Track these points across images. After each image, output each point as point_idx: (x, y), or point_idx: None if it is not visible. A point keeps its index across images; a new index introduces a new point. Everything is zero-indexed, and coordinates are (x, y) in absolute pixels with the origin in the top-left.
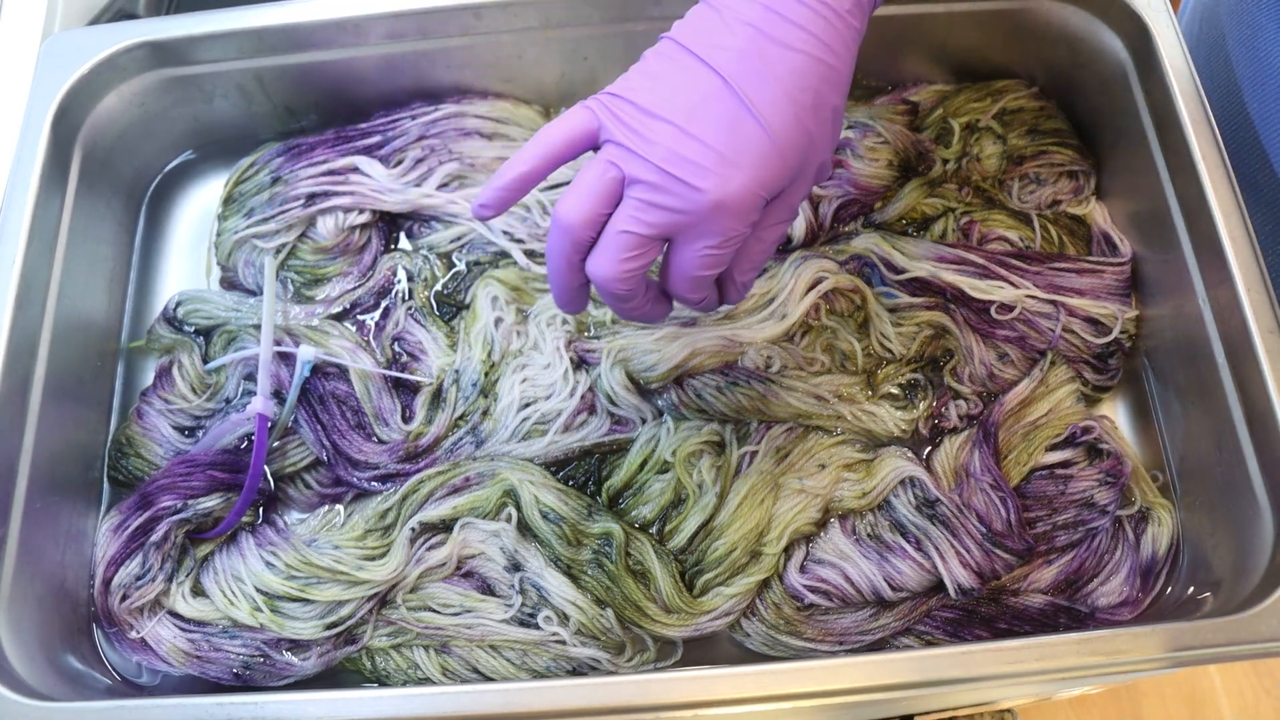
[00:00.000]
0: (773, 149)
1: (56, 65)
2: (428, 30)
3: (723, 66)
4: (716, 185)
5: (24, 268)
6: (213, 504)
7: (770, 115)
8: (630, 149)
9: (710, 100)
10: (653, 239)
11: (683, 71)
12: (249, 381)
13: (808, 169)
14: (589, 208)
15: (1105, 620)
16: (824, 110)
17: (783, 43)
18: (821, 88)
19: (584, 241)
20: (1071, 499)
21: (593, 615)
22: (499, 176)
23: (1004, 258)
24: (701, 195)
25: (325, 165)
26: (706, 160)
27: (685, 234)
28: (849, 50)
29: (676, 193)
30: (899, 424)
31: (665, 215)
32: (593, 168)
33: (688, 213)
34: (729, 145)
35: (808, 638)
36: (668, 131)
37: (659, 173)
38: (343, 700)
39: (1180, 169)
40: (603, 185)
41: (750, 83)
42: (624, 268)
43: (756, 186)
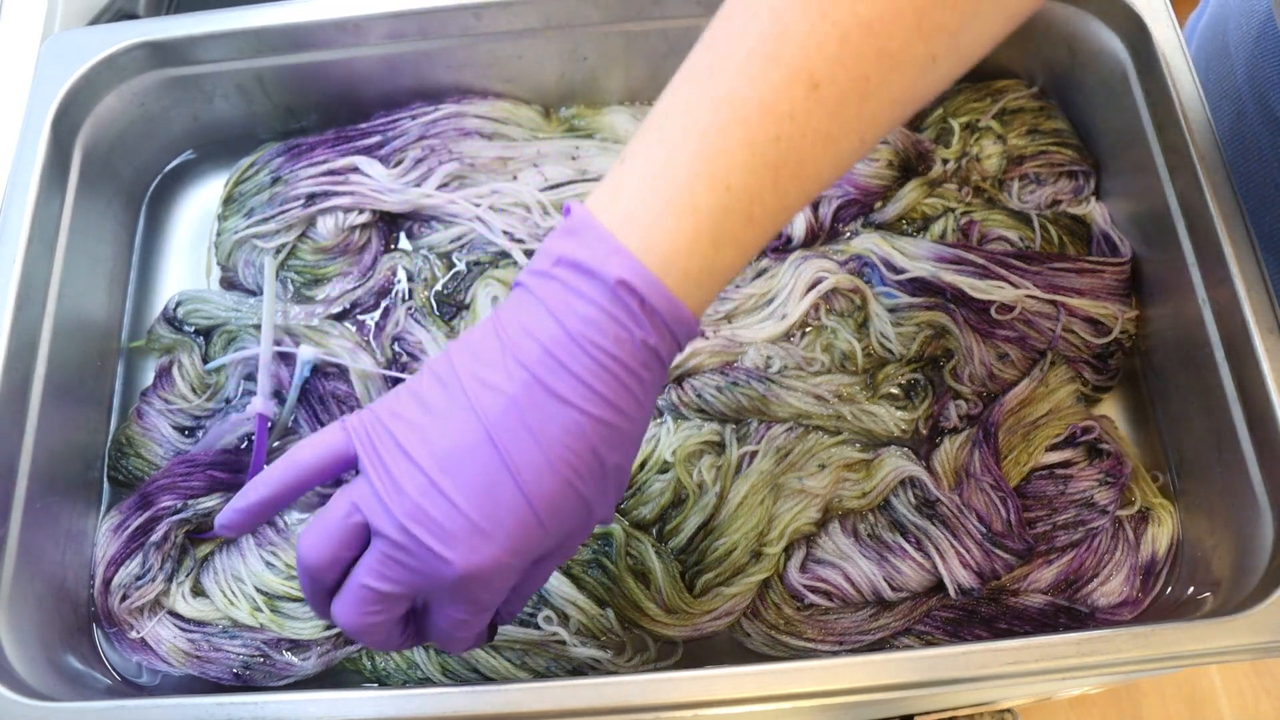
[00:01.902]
0: (533, 517)
1: (56, 65)
2: (428, 30)
3: (489, 416)
4: (463, 557)
5: (24, 268)
6: (213, 504)
7: (533, 481)
8: (377, 494)
9: (469, 452)
10: (397, 596)
11: (449, 407)
12: (249, 381)
13: (583, 529)
14: (329, 551)
15: (1105, 620)
16: (603, 472)
17: (559, 396)
18: (601, 449)
19: (326, 582)
20: (1071, 499)
21: (593, 615)
22: (242, 497)
23: (1004, 258)
24: (445, 566)
25: (325, 165)
26: (453, 525)
27: (433, 599)
28: (640, 407)
29: (420, 556)
30: (899, 424)
31: (410, 577)
32: (337, 506)
33: (432, 580)
34: (482, 511)
35: (808, 638)
36: (418, 481)
37: (402, 531)
38: (343, 700)
39: (1180, 169)
40: (345, 529)
41: (514, 440)
42: (365, 621)
43: (509, 558)
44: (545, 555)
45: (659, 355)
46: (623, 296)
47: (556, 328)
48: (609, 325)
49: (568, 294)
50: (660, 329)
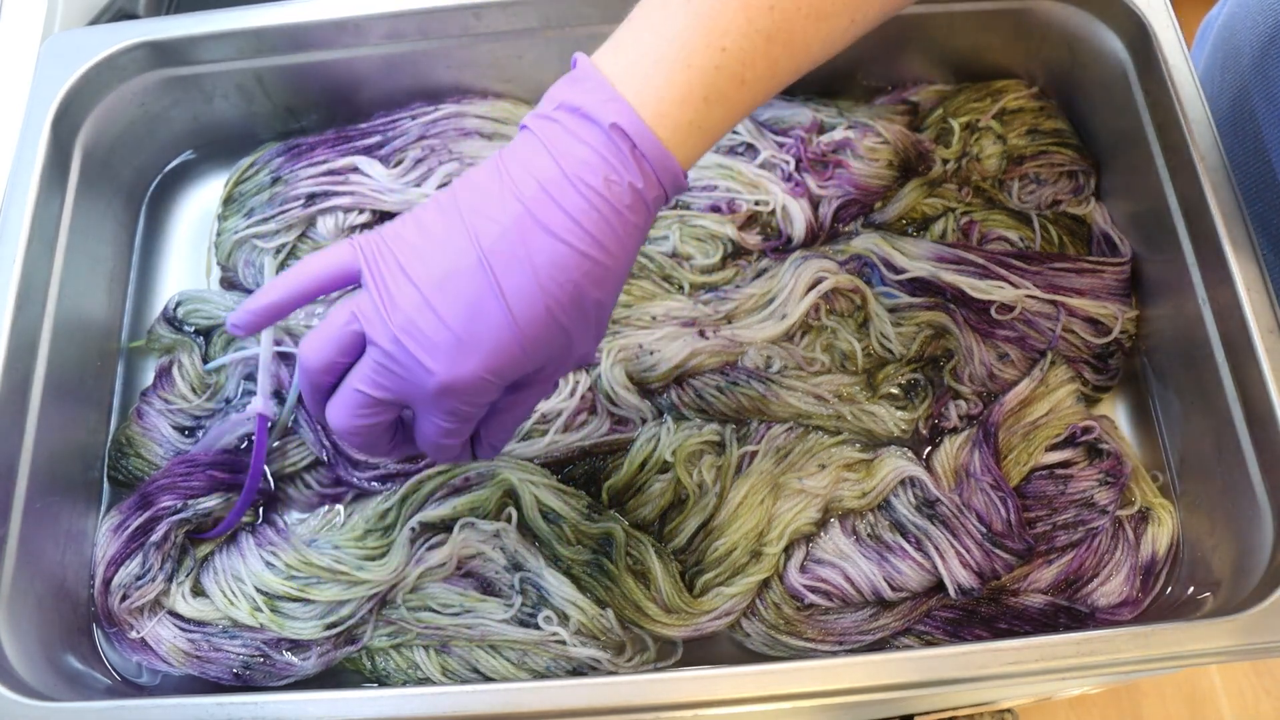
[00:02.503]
0: (514, 339)
1: (56, 65)
2: (428, 30)
3: (483, 240)
4: (445, 368)
5: (24, 268)
6: (213, 504)
7: (518, 304)
8: (375, 307)
9: (461, 274)
10: (386, 402)
11: (448, 233)
12: (249, 381)
13: (562, 360)
14: (328, 355)
15: (1105, 620)
16: (584, 306)
17: (549, 229)
18: (584, 283)
19: (323, 385)
20: (1071, 499)
21: (593, 615)
22: (254, 299)
23: (1004, 258)
24: (429, 376)
25: (325, 165)
26: (440, 338)
27: (417, 406)
28: (623, 247)
29: (407, 366)
30: (899, 424)
31: (398, 384)
32: (339, 314)
33: (417, 388)
34: (467, 327)
35: (808, 638)
36: (413, 297)
37: (393, 342)
38: (343, 700)
39: (1180, 169)
40: (344, 335)
41: (505, 265)
42: (355, 423)
43: (488, 374)
44: (524, 380)
45: (645, 201)
46: (615, 140)
47: (552, 165)
48: (601, 166)
49: (565, 135)
50: (648, 175)
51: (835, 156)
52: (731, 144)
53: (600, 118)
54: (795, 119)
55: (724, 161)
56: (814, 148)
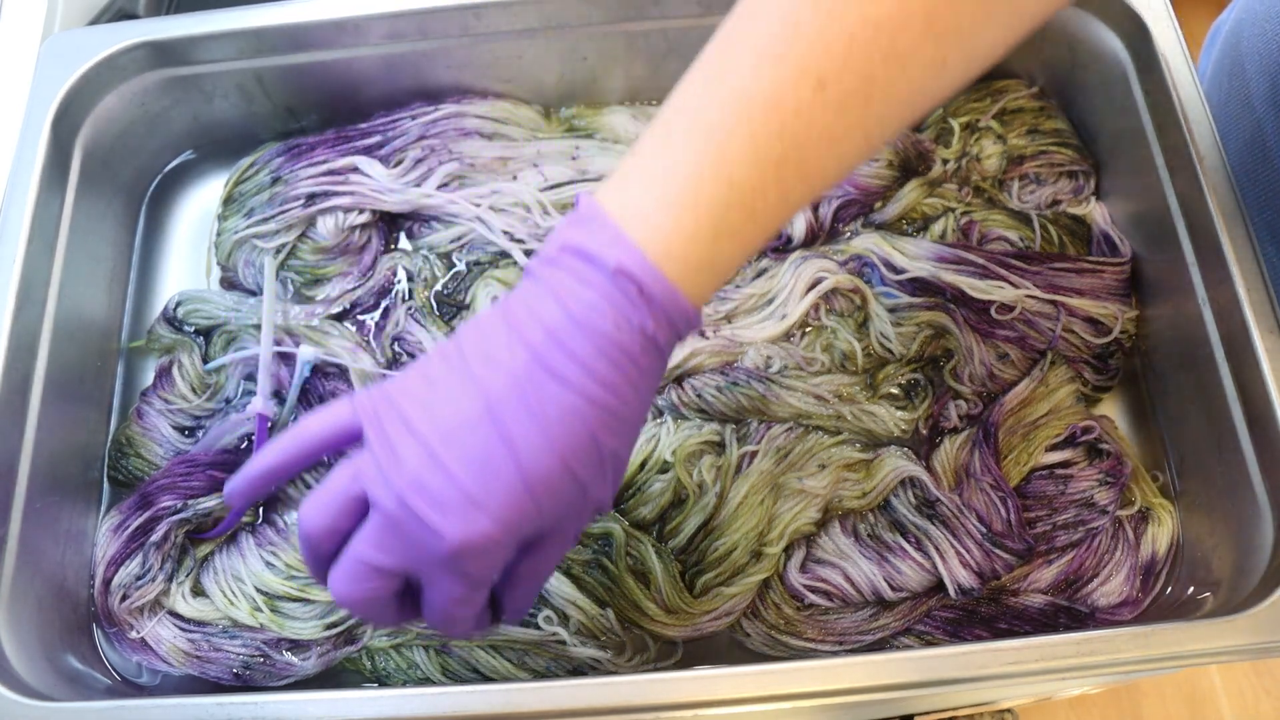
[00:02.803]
0: (526, 494)
1: (56, 65)
2: (428, 30)
3: (490, 392)
4: (456, 529)
5: (24, 268)
6: (213, 504)
7: (529, 458)
8: (378, 465)
9: (470, 427)
10: (391, 571)
11: (453, 383)
12: (249, 381)
13: (578, 514)
14: (328, 521)
15: (1105, 620)
16: (599, 456)
17: (559, 377)
18: (599, 432)
19: (324, 552)
20: (1071, 499)
21: (593, 615)
22: (250, 465)
23: (1004, 258)
24: (439, 539)
25: (325, 165)
26: (449, 497)
27: (426, 573)
28: (637, 393)
29: (413, 530)
30: (899, 424)
31: (403, 549)
32: (340, 476)
33: (426, 553)
34: (477, 482)
35: (808, 638)
36: (418, 454)
37: (399, 503)
38: (343, 700)
39: (1180, 169)
40: (346, 499)
41: (514, 417)
42: (360, 594)
43: (501, 534)
44: (539, 537)
45: (657, 343)
46: (622, 283)
47: (559, 311)
48: (609, 311)
49: (571, 279)
50: (658, 316)
51: None
52: None
53: (605, 259)
54: None
55: None
56: None
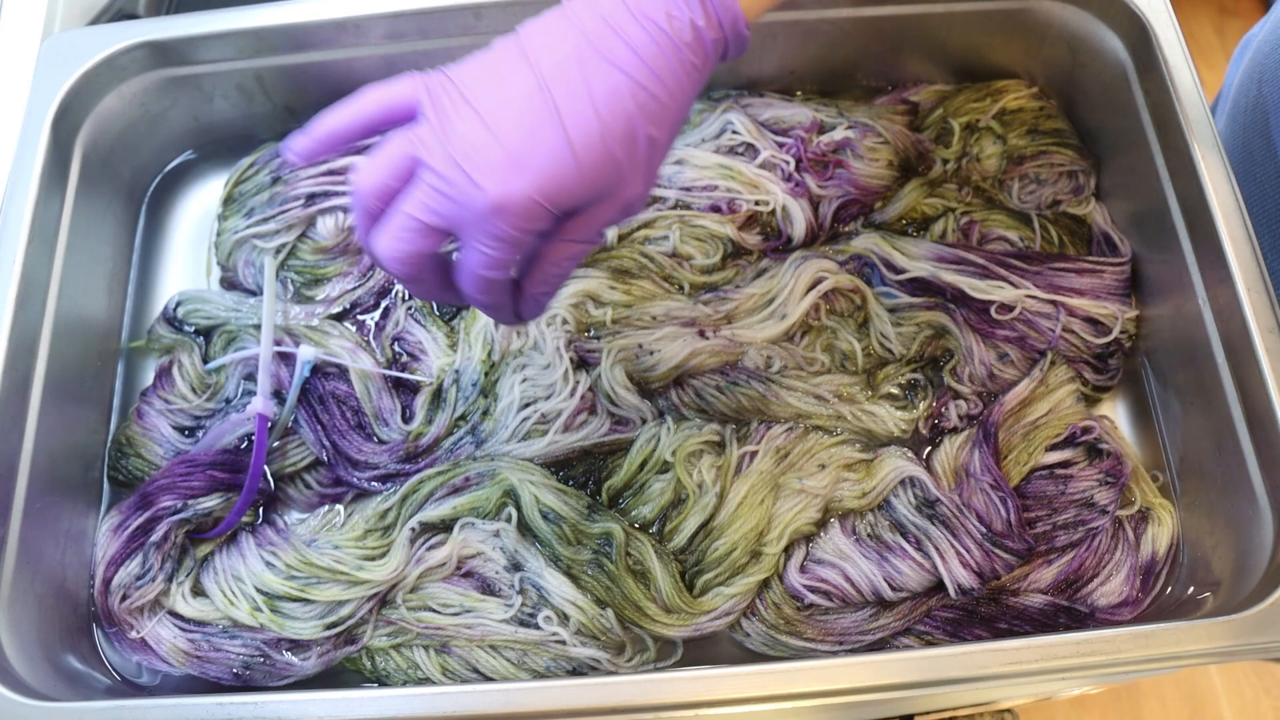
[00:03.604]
0: (568, 162)
1: (56, 65)
2: (428, 30)
3: (542, 68)
4: (497, 185)
5: (24, 268)
6: (213, 504)
7: (574, 128)
8: (431, 130)
9: (521, 98)
10: (433, 228)
11: (510, 65)
12: (249, 381)
13: (612, 196)
14: (381, 180)
15: (1105, 620)
16: (636, 140)
17: (608, 59)
18: (638, 116)
19: (374, 211)
20: (1071, 499)
21: (593, 615)
22: (315, 125)
23: (1004, 258)
24: (480, 193)
25: (325, 165)
26: (494, 157)
27: (465, 230)
28: (680, 86)
29: (458, 185)
30: (899, 424)
31: (445, 206)
32: (395, 141)
33: (468, 209)
34: (521, 147)
35: (808, 638)
36: (472, 121)
37: (448, 161)
38: (343, 700)
39: (1180, 169)
40: (399, 160)
41: (563, 90)
42: (401, 248)
43: (539, 195)
44: (573, 214)
45: (704, 41)
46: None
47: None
48: (663, 2)
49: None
50: (709, 14)
51: (835, 156)
52: (732, 144)
53: None
54: (795, 119)
55: (724, 161)
56: (814, 148)
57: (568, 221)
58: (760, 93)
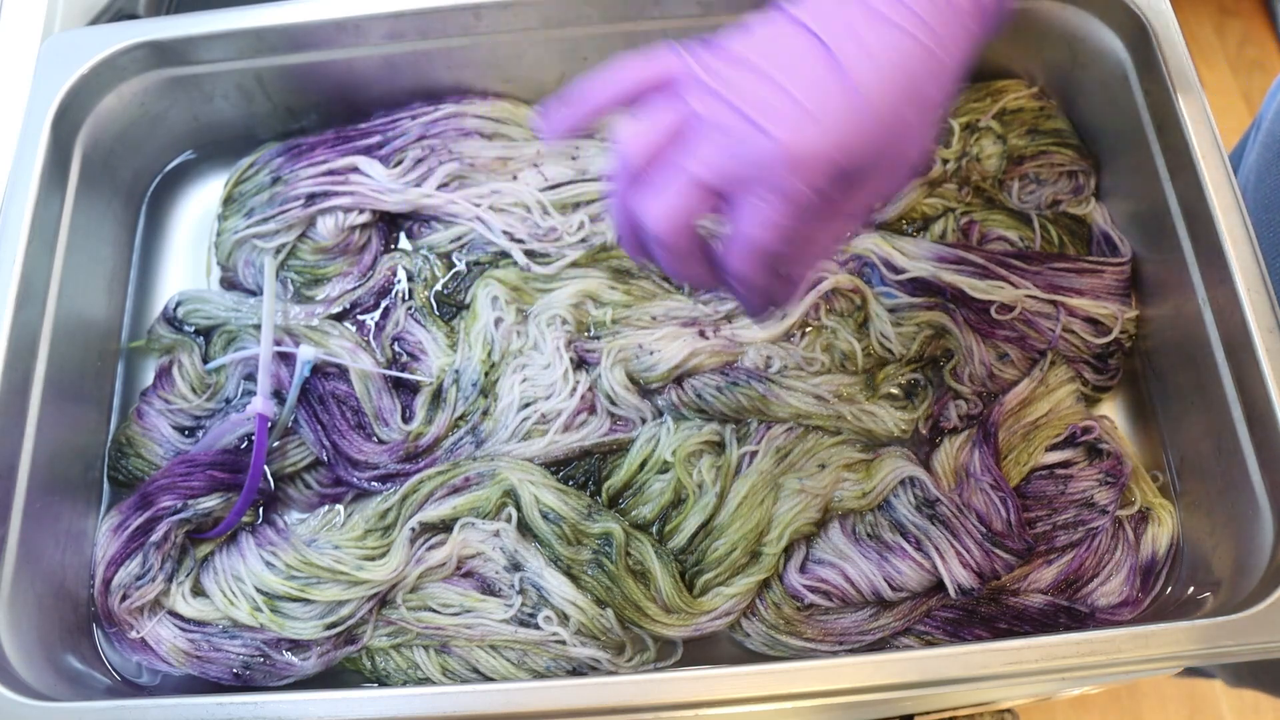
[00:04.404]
0: (861, 112)
1: (56, 65)
2: (428, 30)
3: (822, 29)
4: (791, 135)
5: (24, 268)
6: (213, 504)
7: (863, 79)
8: (710, 87)
9: (802, 55)
10: (710, 187)
11: (780, 30)
12: (249, 381)
13: (898, 156)
14: (652, 139)
15: (1105, 620)
16: (920, 97)
17: (888, 18)
18: (921, 73)
19: (639, 174)
20: (1071, 499)
21: (593, 615)
22: (571, 101)
23: (1004, 258)
24: (773, 143)
25: (325, 165)
26: (785, 107)
27: (748, 189)
28: (959, 48)
29: (746, 137)
30: (899, 424)
31: (731, 159)
32: (666, 103)
33: (755, 161)
34: (813, 98)
35: (808, 638)
36: (750, 76)
37: (732, 112)
38: (343, 700)
39: (1180, 169)
40: (671, 120)
41: (847, 46)
42: (674, 206)
43: (833, 148)
44: (859, 176)
45: (981, 6)
46: None
47: None
48: None
49: None
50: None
51: None
52: None
53: None
54: None
55: None
56: None
57: (851, 187)
58: None
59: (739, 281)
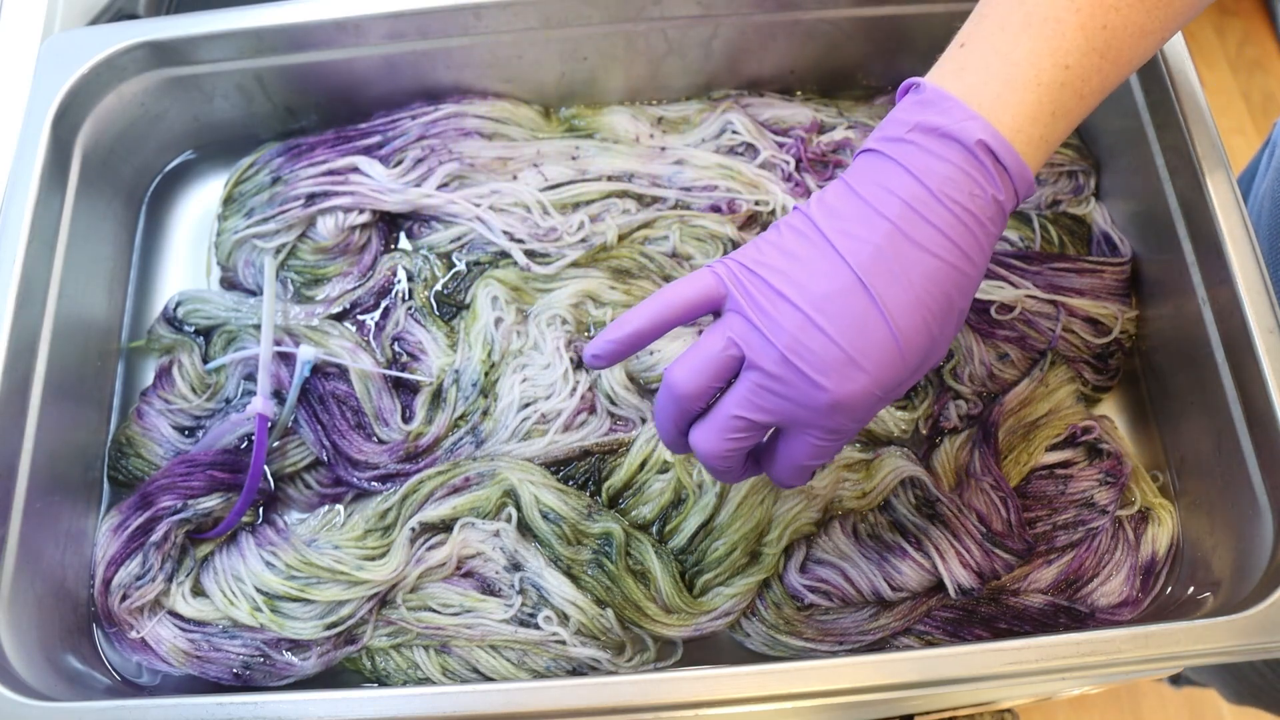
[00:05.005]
0: (898, 354)
1: (56, 65)
2: (428, 30)
3: (857, 262)
4: (838, 385)
5: (24, 268)
6: (213, 504)
7: (900, 320)
8: (756, 328)
9: (842, 295)
10: (763, 425)
11: (817, 257)
12: (249, 381)
13: (922, 367)
14: (703, 382)
15: (1105, 620)
16: (952, 315)
17: (920, 245)
18: (953, 293)
19: (692, 411)
20: (1071, 499)
21: (593, 615)
22: (616, 328)
23: (1004, 258)
24: (821, 393)
25: (325, 165)
26: (830, 357)
27: (796, 426)
28: (984, 256)
29: (796, 385)
30: (899, 424)
31: (781, 405)
32: (713, 341)
33: (804, 407)
34: (855, 345)
35: (808, 638)
36: (795, 318)
37: (782, 362)
38: (343, 700)
39: (1180, 169)
40: (721, 362)
41: (884, 284)
42: (728, 447)
43: (877, 389)
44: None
45: (1004, 210)
46: (980, 157)
47: (916, 185)
48: (965, 183)
49: (926, 155)
50: (1008, 187)
51: (835, 156)
52: (732, 144)
53: (964, 136)
54: (795, 119)
55: (724, 161)
56: (814, 148)
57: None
58: (760, 93)
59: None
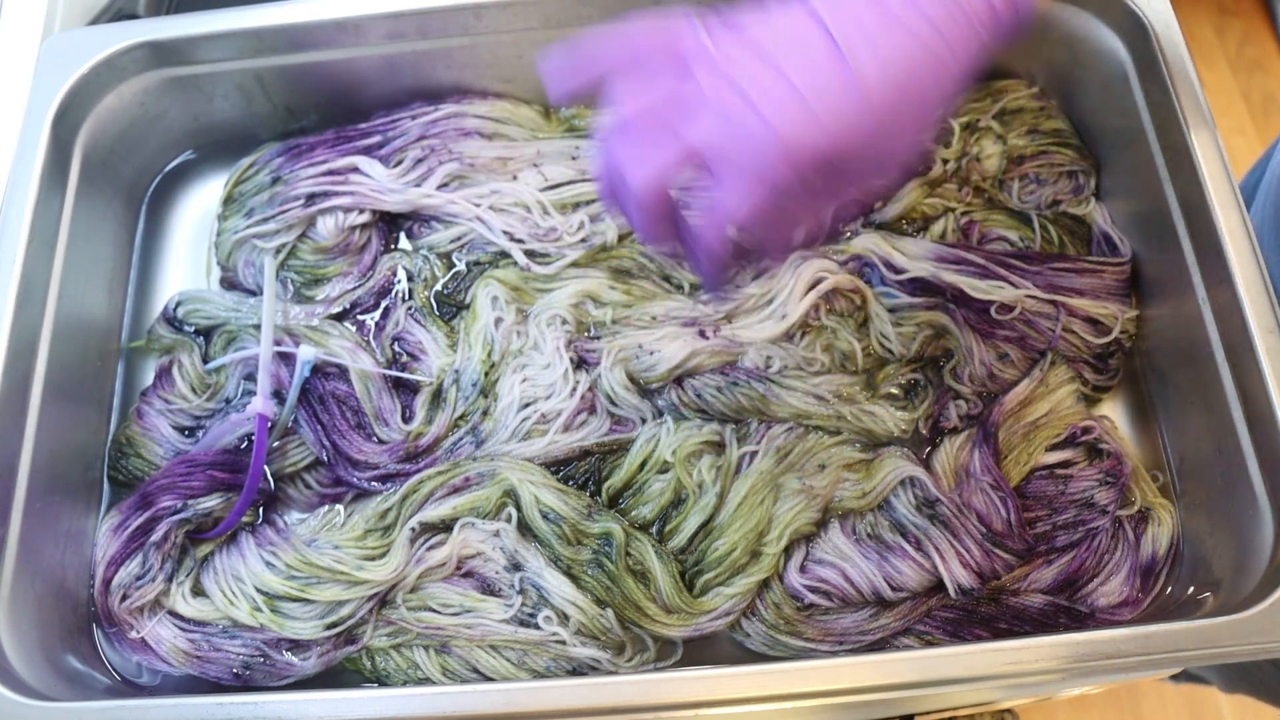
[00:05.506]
0: (858, 109)
1: (56, 65)
2: (428, 30)
3: (833, 23)
4: (787, 125)
5: (24, 268)
6: (213, 504)
7: (865, 76)
8: (716, 63)
9: (810, 47)
10: (697, 155)
11: (794, 19)
12: (249, 381)
13: (889, 152)
14: (652, 99)
15: (1105, 620)
16: (920, 98)
17: (899, 19)
18: (923, 74)
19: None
20: (1071, 499)
21: (593, 615)
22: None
23: (1004, 258)
24: (767, 131)
25: (325, 165)
26: (786, 97)
27: (734, 165)
28: (967, 53)
29: (744, 119)
30: (899, 424)
31: (724, 135)
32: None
33: (748, 143)
34: (814, 91)
35: (808, 638)
36: (762, 62)
37: (735, 92)
38: (343, 700)
39: (1180, 169)
40: (674, 86)
41: (855, 43)
42: (656, 165)
43: (828, 145)
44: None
45: (996, 15)
46: None
47: None
48: None
49: None
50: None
51: None
52: None
53: None
54: None
55: None
56: None
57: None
58: None
59: (706, 251)
